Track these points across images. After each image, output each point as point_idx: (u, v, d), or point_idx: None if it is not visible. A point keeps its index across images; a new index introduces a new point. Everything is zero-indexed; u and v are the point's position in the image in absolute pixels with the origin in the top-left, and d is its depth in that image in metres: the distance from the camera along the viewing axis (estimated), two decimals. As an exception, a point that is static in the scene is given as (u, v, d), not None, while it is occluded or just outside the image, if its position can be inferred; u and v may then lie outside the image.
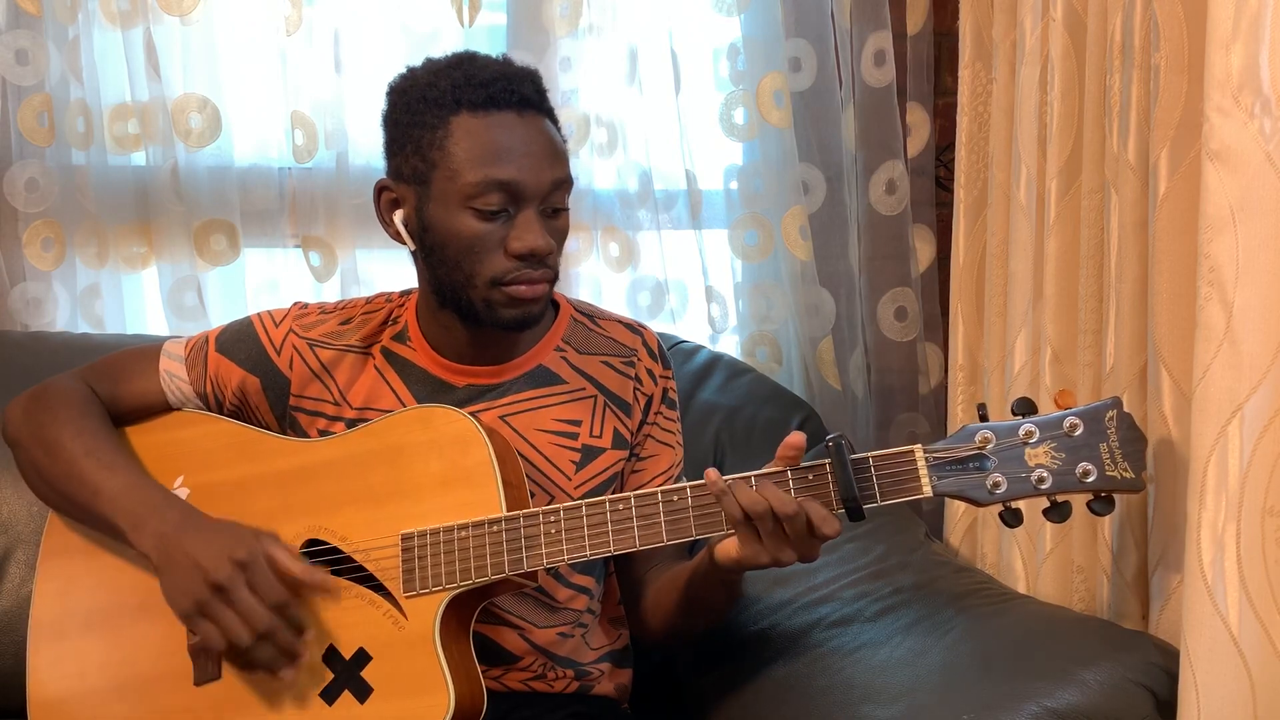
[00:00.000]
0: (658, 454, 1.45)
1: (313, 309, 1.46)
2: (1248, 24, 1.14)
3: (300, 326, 1.43)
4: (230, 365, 1.42)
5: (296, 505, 1.33)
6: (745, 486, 1.19)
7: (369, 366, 1.41)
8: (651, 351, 1.46)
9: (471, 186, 1.27)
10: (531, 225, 1.29)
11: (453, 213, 1.29)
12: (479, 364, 1.40)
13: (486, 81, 1.29)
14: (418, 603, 1.26)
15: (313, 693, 1.27)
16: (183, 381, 1.42)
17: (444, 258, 1.31)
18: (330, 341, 1.42)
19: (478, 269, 1.30)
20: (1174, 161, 1.27)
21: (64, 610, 1.37)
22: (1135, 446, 1.19)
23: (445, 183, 1.29)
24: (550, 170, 1.30)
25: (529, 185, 1.28)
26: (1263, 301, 1.15)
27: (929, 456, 1.21)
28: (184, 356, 1.43)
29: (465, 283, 1.31)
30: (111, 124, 1.87)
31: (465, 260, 1.30)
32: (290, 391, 1.41)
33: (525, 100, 1.31)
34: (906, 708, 1.25)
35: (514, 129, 1.29)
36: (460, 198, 1.28)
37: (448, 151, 1.28)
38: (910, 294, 2.08)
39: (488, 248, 1.29)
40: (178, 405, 1.43)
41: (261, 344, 1.42)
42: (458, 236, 1.29)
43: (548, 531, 1.25)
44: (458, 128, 1.29)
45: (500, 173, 1.27)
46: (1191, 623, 1.18)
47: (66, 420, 1.35)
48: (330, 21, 1.88)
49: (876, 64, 2.01)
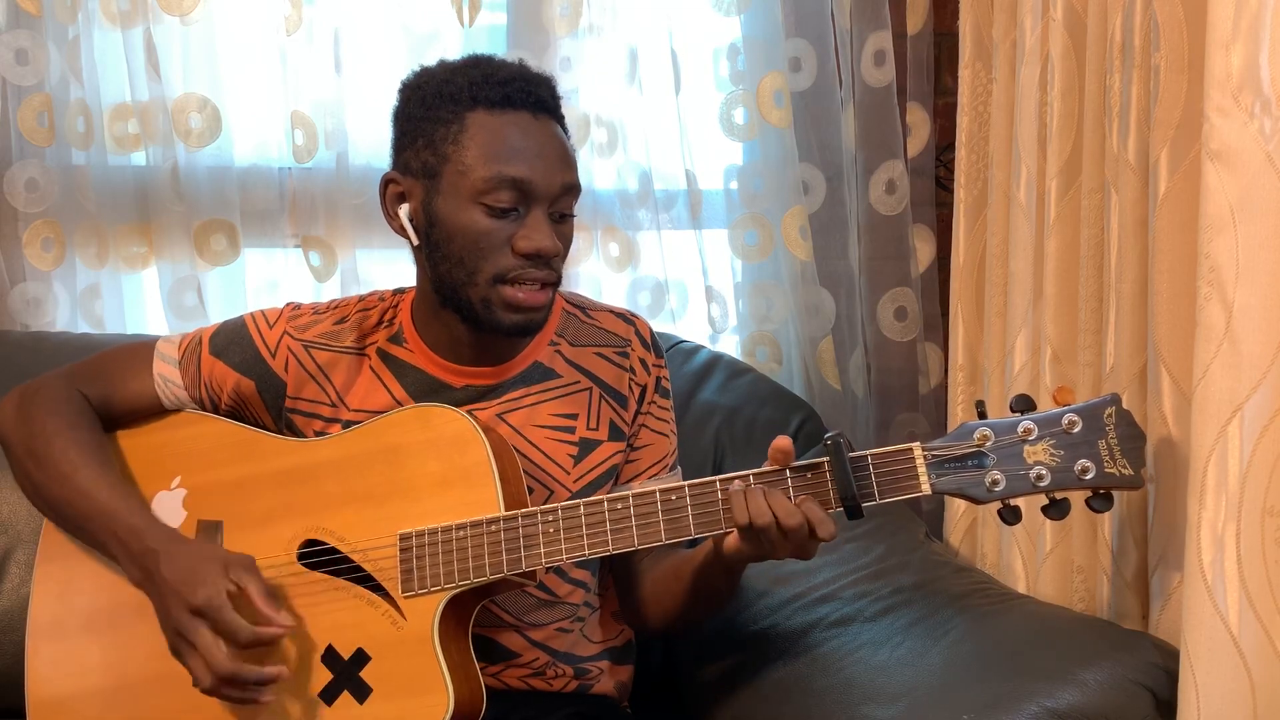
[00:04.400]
0: (652, 443, 1.45)
1: (305, 309, 1.45)
2: (1248, 24, 1.14)
3: (294, 328, 1.43)
4: (225, 369, 1.41)
5: (294, 505, 1.33)
6: (757, 496, 1.20)
7: (365, 368, 1.41)
8: (644, 341, 1.46)
9: (483, 182, 1.28)
10: (540, 225, 1.29)
11: (462, 207, 1.29)
12: (478, 365, 1.39)
13: (504, 81, 1.30)
14: (416, 603, 1.26)
15: (312, 693, 1.27)
16: (177, 386, 1.42)
17: (448, 253, 1.31)
18: (326, 343, 1.42)
19: (481, 265, 1.30)
20: (1174, 161, 1.27)
21: (63, 611, 1.37)
22: (1134, 444, 1.19)
23: (456, 177, 1.29)
24: (561, 174, 1.31)
25: (540, 185, 1.29)
26: (1263, 301, 1.15)
27: (928, 454, 1.21)
28: (178, 359, 1.43)
29: (466, 280, 1.31)
30: (111, 124, 1.88)
31: (469, 256, 1.30)
32: (286, 394, 1.41)
33: (541, 103, 1.32)
34: (906, 708, 1.25)
35: (528, 129, 1.30)
36: (471, 193, 1.28)
37: (461, 146, 1.29)
38: (910, 294, 2.08)
39: (494, 245, 1.29)
40: (173, 408, 1.43)
41: (256, 347, 1.42)
42: (464, 231, 1.29)
43: (546, 531, 1.25)
44: (473, 123, 1.29)
45: (513, 170, 1.28)
46: (1191, 623, 1.18)
47: (55, 433, 1.35)
48: (330, 21, 1.88)
49: (876, 64, 2.01)
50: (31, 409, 1.37)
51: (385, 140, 1.39)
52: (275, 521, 1.32)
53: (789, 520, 1.18)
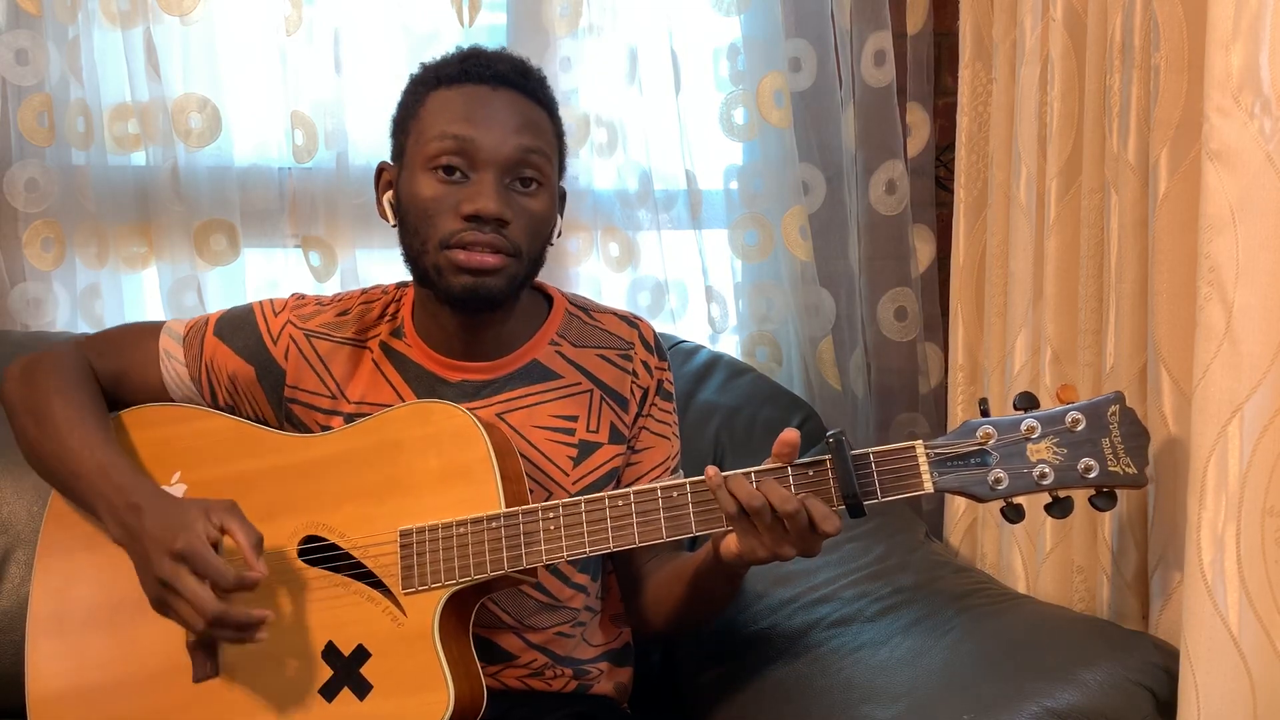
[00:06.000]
0: (653, 446, 1.45)
1: (310, 300, 1.47)
2: (1248, 24, 1.14)
3: (298, 317, 1.44)
4: (227, 351, 1.42)
5: (295, 501, 1.33)
6: (743, 481, 1.19)
7: (366, 360, 1.41)
8: (647, 344, 1.46)
9: (431, 145, 1.30)
10: (485, 188, 1.29)
11: (416, 177, 1.32)
12: (472, 359, 1.39)
13: (462, 59, 1.35)
14: (417, 599, 1.26)
15: (312, 689, 1.27)
16: (179, 363, 1.43)
17: (407, 225, 1.34)
18: (328, 333, 1.42)
19: (430, 232, 1.30)
20: (1174, 161, 1.27)
21: (63, 606, 1.37)
22: (1138, 441, 1.18)
23: (414, 151, 1.33)
24: (515, 137, 1.31)
25: (485, 146, 1.29)
26: (1263, 301, 1.15)
27: (930, 452, 1.20)
28: (183, 336, 1.44)
29: (421, 249, 1.32)
30: (111, 124, 1.88)
31: (421, 224, 1.31)
32: (285, 382, 1.41)
33: (500, 76, 1.33)
34: (906, 708, 1.25)
35: (482, 98, 1.32)
36: (423, 160, 1.31)
37: (419, 119, 1.33)
38: (910, 294, 2.08)
39: (441, 209, 1.30)
40: (172, 386, 1.43)
41: (259, 332, 1.43)
42: (416, 199, 1.31)
43: (546, 528, 1.25)
44: (432, 99, 1.33)
45: (457, 129, 1.29)
46: (1191, 623, 1.18)
47: (56, 390, 1.36)
48: (330, 21, 1.88)
49: (876, 64, 2.01)
50: (35, 370, 1.39)
51: (385, 140, 1.41)
52: (275, 517, 1.32)
53: (785, 505, 1.16)
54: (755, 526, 1.18)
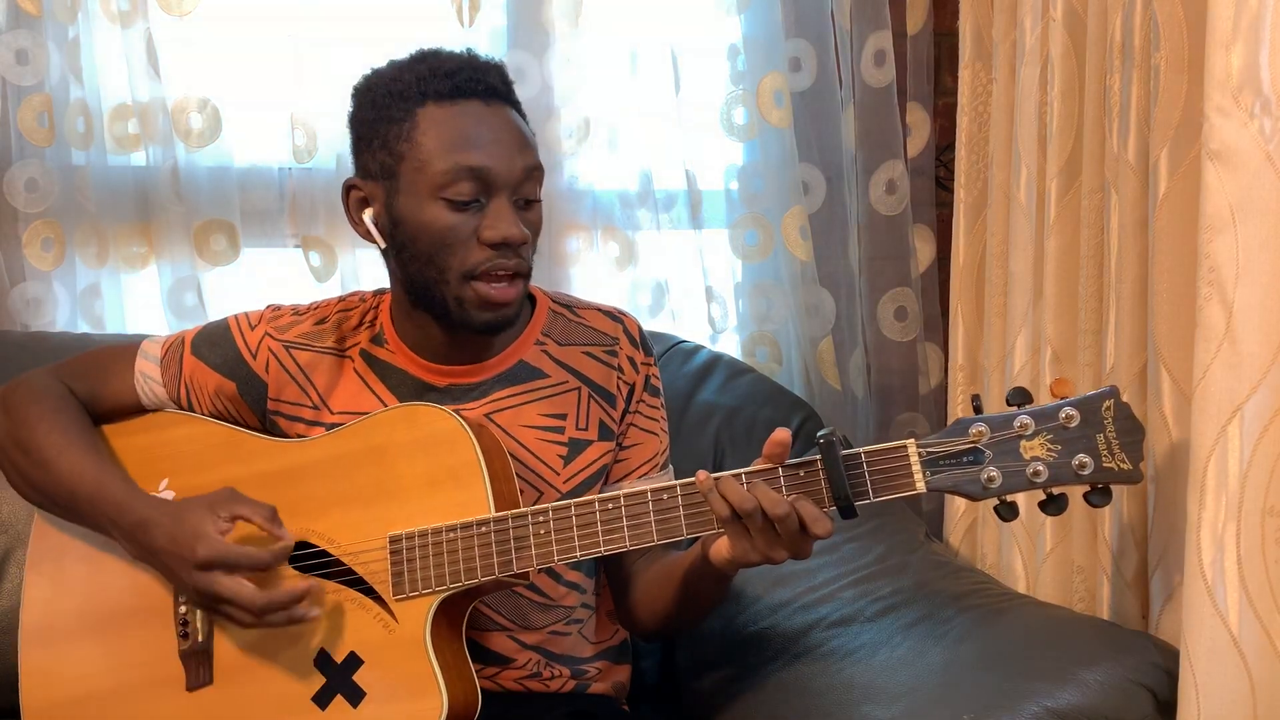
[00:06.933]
0: (641, 442, 1.43)
1: (285, 311, 1.44)
2: (1248, 24, 1.14)
3: (275, 329, 1.42)
4: (206, 370, 1.41)
5: (283, 508, 1.30)
6: (734, 484, 1.18)
7: (348, 369, 1.40)
8: (633, 339, 1.45)
9: (441, 175, 1.26)
10: (504, 213, 1.28)
11: (423, 204, 1.28)
12: (458, 363, 1.38)
13: (451, 72, 1.29)
14: (408, 605, 1.25)
15: (305, 697, 1.26)
16: (156, 384, 1.41)
17: (415, 253, 1.30)
18: (308, 343, 1.41)
19: (450, 262, 1.28)
20: (1174, 161, 1.27)
21: (54, 615, 1.36)
22: (1133, 437, 1.16)
23: (414, 174, 1.28)
24: (521, 157, 1.29)
25: (500, 172, 1.27)
26: (1263, 301, 1.15)
27: (922, 451, 1.18)
28: (159, 358, 1.42)
29: (438, 279, 1.29)
30: (111, 124, 1.88)
31: (438, 254, 1.28)
32: (268, 395, 1.40)
33: (491, 89, 1.30)
34: (906, 708, 1.25)
35: (482, 117, 1.29)
36: (430, 188, 1.27)
37: (415, 142, 1.27)
38: (910, 294, 2.08)
39: (460, 239, 1.28)
40: (152, 407, 1.42)
41: (237, 347, 1.41)
42: (428, 228, 1.28)
43: (536, 532, 1.24)
44: (424, 118, 1.28)
45: (470, 159, 1.26)
46: (1191, 623, 1.18)
47: (39, 418, 1.35)
48: (330, 21, 1.88)
49: (876, 64, 2.01)
50: (14, 400, 1.37)
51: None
52: None
53: (776, 509, 1.15)
54: (748, 530, 1.18)
